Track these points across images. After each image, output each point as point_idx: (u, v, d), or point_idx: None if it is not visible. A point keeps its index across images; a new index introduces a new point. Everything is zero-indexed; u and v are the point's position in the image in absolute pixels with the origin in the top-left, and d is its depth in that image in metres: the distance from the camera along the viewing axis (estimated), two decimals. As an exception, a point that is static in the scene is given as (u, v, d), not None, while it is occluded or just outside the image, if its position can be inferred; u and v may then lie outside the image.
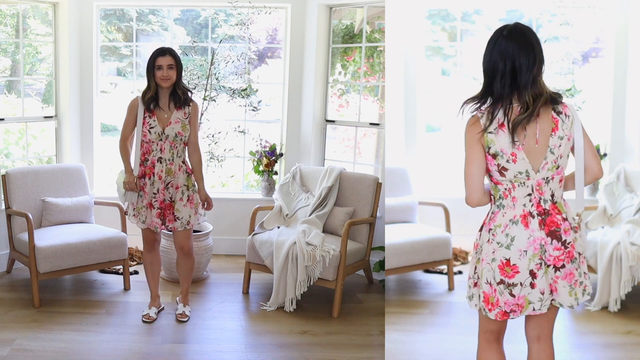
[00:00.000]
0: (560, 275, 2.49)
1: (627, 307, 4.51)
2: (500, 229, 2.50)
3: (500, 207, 2.52)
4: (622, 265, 4.43)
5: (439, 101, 6.08)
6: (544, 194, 2.49)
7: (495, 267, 2.50)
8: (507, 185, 2.49)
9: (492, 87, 2.44)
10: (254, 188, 6.10)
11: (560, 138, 2.45)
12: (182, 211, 4.05)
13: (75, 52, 5.48)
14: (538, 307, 2.50)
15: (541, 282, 2.48)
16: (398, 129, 5.71)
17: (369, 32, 5.60)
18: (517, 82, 2.41)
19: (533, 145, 2.44)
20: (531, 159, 2.45)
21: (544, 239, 2.47)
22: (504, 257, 2.48)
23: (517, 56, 2.41)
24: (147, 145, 3.99)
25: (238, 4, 5.31)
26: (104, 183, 5.91)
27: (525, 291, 2.48)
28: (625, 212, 4.86)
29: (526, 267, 2.47)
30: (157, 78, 3.92)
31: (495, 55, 2.43)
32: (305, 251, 4.37)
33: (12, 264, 5.01)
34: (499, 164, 2.46)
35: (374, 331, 4.19)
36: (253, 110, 5.50)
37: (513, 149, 2.42)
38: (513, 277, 2.48)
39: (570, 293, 2.52)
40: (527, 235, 2.46)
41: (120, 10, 5.93)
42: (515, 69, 2.40)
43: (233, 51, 5.44)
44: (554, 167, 2.47)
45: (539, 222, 2.47)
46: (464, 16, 5.95)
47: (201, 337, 4.04)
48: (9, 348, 3.72)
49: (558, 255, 2.48)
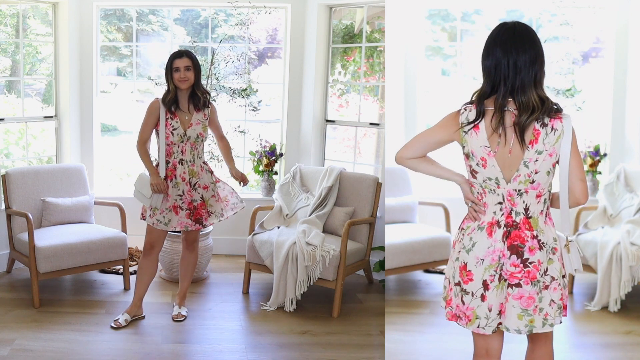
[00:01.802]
0: (512, 293, 2.39)
1: (627, 307, 4.51)
2: (467, 232, 2.47)
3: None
4: (622, 265, 4.43)
5: (439, 101, 6.07)
6: (516, 205, 2.39)
7: (457, 267, 2.49)
8: (478, 189, 2.45)
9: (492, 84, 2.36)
10: (254, 188, 6.10)
11: (538, 152, 2.32)
12: (214, 205, 4.13)
13: (75, 52, 5.47)
14: (483, 325, 2.43)
15: (492, 297, 2.40)
16: (398, 129, 5.71)
17: (369, 32, 5.60)
18: (519, 80, 2.31)
19: (506, 154, 2.34)
20: (503, 168, 2.36)
21: (503, 251, 2.39)
22: (463, 261, 2.46)
23: (518, 54, 2.32)
24: (169, 148, 3.98)
25: (238, 4, 5.31)
26: (104, 183, 5.91)
27: (475, 303, 2.43)
28: (625, 212, 4.86)
29: (480, 277, 2.41)
30: (175, 80, 3.93)
31: (497, 53, 2.34)
32: (305, 251, 4.37)
33: (12, 264, 5.01)
34: (470, 165, 2.44)
35: (374, 331, 4.19)
36: (253, 110, 5.50)
37: (483, 153, 2.36)
38: (467, 284, 2.45)
39: (520, 316, 2.40)
40: (487, 244, 2.41)
41: (120, 10, 5.93)
42: (517, 67, 2.31)
43: (233, 51, 5.44)
44: (527, 180, 2.35)
45: (503, 233, 2.40)
46: (464, 16, 5.95)
47: (201, 337, 4.04)
48: (9, 348, 3.72)
49: (514, 272, 2.39)
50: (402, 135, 5.75)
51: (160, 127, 3.96)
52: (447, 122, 2.47)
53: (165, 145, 3.97)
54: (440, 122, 2.50)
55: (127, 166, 6.20)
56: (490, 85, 2.38)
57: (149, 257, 4.12)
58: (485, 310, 2.42)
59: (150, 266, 4.15)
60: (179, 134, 3.96)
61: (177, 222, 4.03)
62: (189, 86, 3.96)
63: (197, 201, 4.05)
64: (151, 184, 3.93)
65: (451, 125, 2.45)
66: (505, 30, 2.38)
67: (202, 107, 4.02)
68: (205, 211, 4.09)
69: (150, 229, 4.07)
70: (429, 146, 2.52)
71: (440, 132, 2.49)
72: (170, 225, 4.02)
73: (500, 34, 2.38)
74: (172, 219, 4.02)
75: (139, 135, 4.03)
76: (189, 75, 3.93)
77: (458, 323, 2.51)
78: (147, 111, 4.01)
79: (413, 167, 2.57)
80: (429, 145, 2.51)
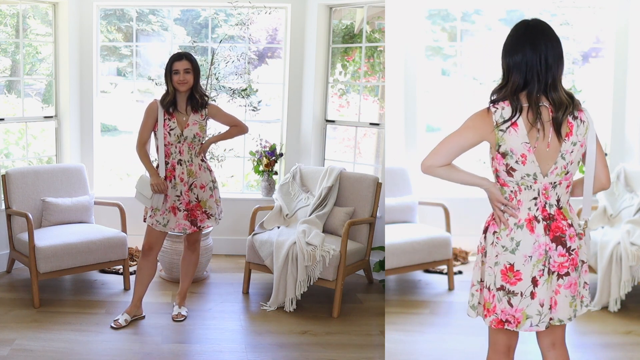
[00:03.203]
0: (563, 283, 2.43)
1: (627, 307, 4.51)
2: (505, 232, 2.43)
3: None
4: (622, 265, 4.43)
5: (439, 101, 6.08)
6: (549, 198, 2.42)
7: (498, 271, 2.44)
8: (513, 187, 2.42)
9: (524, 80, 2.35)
10: (254, 188, 6.10)
11: (573, 144, 2.39)
12: (213, 207, 4.13)
13: (75, 52, 5.48)
14: (536, 323, 2.43)
15: (542, 292, 2.41)
16: (398, 129, 5.71)
17: (369, 32, 5.60)
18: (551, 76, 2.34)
19: (544, 149, 2.36)
20: (541, 162, 2.37)
21: (549, 244, 2.41)
22: (508, 262, 2.42)
23: (548, 50, 2.34)
24: (167, 148, 4.00)
25: (238, 4, 5.31)
26: (104, 183, 5.91)
27: (524, 303, 2.41)
28: (625, 212, 4.86)
29: (529, 274, 2.40)
30: (175, 82, 3.94)
31: (527, 49, 2.34)
32: (305, 251, 4.37)
33: (12, 264, 5.01)
34: (507, 164, 2.39)
35: (374, 331, 4.19)
36: (253, 110, 5.50)
37: (523, 150, 2.35)
38: (515, 285, 2.41)
39: (570, 304, 2.46)
40: (532, 241, 2.40)
41: (120, 10, 5.93)
42: (547, 63, 2.33)
43: (233, 51, 5.44)
44: (563, 172, 2.41)
45: (544, 227, 2.41)
46: (464, 16, 5.95)
47: (201, 337, 4.04)
48: (9, 348, 3.72)
49: (562, 262, 2.42)
50: (402, 135, 5.75)
51: (159, 128, 3.97)
52: (478, 122, 2.39)
53: (164, 146, 3.99)
54: (468, 124, 2.41)
55: (127, 166, 6.20)
56: (523, 80, 2.36)
57: (148, 257, 4.13)
58: (537, 307, 2.42)
59: (149, 267, 4.15)
60: (176, 134, 3.97)
61: (175, 224, 4.03)
62: (188, 88, 3.97)
63: (193, 202, 4.05)
64: (151, 184, 3.95)
65: (483, 125, 2.38)
66: (532, 27, 2.39)
67: (199, 108, 4.03)
68: (201, 212, 4.08)
69: (150, 229, 4.08)
70: (459, 150, 2.41)
71: (470, 134, 2.39)
72: (169, 227, 4.03)
73: (528, 30, 2.39)
74: (171, 220, 4.03)
75: (138, 137, 4.04)
76: (188, 78, 3.94)
77: (506, 327, 2.47)
78: (145, 113, 4.02)
79: (445, 176, 2.45)
80: (459, 149, 2.40)
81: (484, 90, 5.81)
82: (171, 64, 3.96)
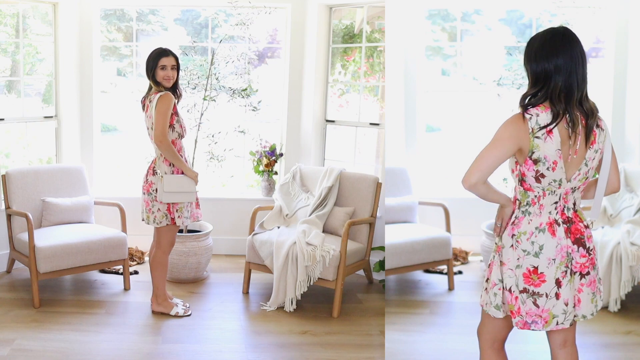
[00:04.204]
0: (585, 282, 2.51)
1: (627, 307, 4.51)
2: (526, 237, 2.46)
3: (525, 214, 2.47)
4: (622, 265, 4.43)
5: (439, 101, 6.07)
6: (568, 202, 2.49)
7: (520, 274, 2.46)
8: (538, 192, 2.44)
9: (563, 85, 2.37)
10: (254, 188, 6.10)
11: (595, 151, 2.46)
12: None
13: (75, 52, 5.48)
14: (562, 321, 2.48)
15: (565, 292, 2.46)
16: (398, 129, 5.70)
17: (369, 32, 5.60)
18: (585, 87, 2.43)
19: (572, 156, 2.40)
20: (567, 169, 2.42)
21: (571, 247, 2.47)
22: (532, 265, 2.45)
23: (584, 61, 2.41)
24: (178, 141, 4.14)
25: (238, 4, 5.31)
26: (104, 183, 5.90)
27: (550, 304, 2.45)
28: (625, 212, 4.86)
29: (553, 276, 2.44)
30: (160, 77, 4.00)
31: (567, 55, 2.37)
32: (305, 251, 4.37)
33: (12, 264, 5.01)
34: (537, 170, 2.39)
35: (374, 331, 4.19)
36: (253, 110, 5.50)
37: (556, 157, 2.37)
38: (539, 286, 2.45)
39: (592, 300, 2.54)
40: (555, 244, 2.44)
41: (120, 10, 5.93)
42: (584, 75, 2.41)
43: (233, 51, 5.44)
44: (584, 178, 2.48)
45: (564, 230, 2.47)
46: (464, 16, 5.95)
47: (201, 337, 4.04)
48: (9, 348, 3.72)
49: (584, 262, 2.49)
50: (402, 135, 5.75)
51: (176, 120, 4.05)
52: (514, 130, 2.36)
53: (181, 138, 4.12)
54: (504, 135, 2.37)
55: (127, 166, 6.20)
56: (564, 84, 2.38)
57: (169, 254, 4.30)
58: (562, 306, 2.47)
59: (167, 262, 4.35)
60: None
61: (191, 214, 4.21)
62: (172, 84, 4.06)
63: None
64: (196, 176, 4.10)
65: (519, 133, 2.36)
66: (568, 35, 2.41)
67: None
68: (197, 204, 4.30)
69: (172, 228, 4.18)
70: (498, 163, 2.38)
71: (508, 144, 2.37)
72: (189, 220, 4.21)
73: (565, 38, 2.40)
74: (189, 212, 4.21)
75: (165, 132, 3.93)
76: (174, 74, 4.04)
77: (533, 328, 2.49)
78: (168, 105, 3.93)
79: (484, 192, 2.44)
80: (498, 161, 2.37)
81: (484, 90, 5.81)
82: (158, 59, 4.00)
